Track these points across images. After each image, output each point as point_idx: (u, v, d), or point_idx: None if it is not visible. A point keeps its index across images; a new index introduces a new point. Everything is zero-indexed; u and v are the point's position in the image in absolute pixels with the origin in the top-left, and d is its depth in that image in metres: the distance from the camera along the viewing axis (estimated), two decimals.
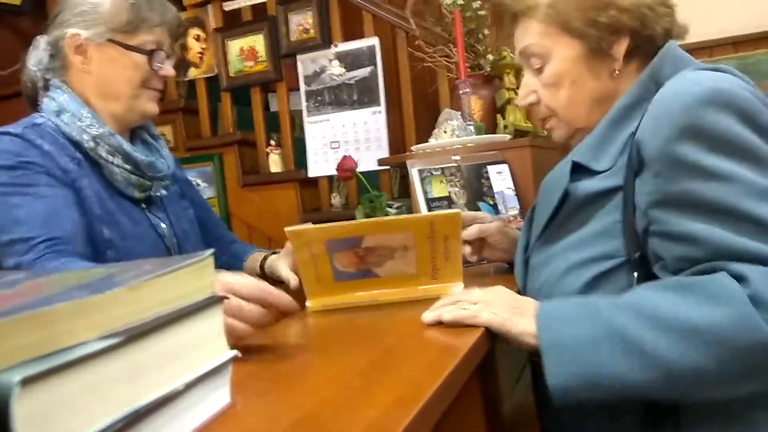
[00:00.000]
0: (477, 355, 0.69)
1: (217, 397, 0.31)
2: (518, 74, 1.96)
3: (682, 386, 0.63)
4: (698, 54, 0.89)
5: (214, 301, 0.32)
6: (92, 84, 1.04)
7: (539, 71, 0.86)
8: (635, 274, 0.71)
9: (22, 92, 1.11)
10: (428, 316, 0.73)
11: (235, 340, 0.74)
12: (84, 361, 0.24)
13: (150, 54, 1.05)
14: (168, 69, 1.09)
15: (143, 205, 1.09)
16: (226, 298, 0.56)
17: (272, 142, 2.52)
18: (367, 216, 1.73)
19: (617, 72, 0.81)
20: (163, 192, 1.11)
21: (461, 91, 1.68)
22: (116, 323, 0.26)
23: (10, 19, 2.66)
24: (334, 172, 2.40)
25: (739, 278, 0.61)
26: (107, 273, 0.31)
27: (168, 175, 1.12)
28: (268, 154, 2.51)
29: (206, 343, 0.31)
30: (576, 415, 0.76)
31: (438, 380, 0.55)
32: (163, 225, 1.11)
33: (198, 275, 0.32)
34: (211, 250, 0.34)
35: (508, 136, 1.65)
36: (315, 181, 2.47)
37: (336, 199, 2.48)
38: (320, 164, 2.42)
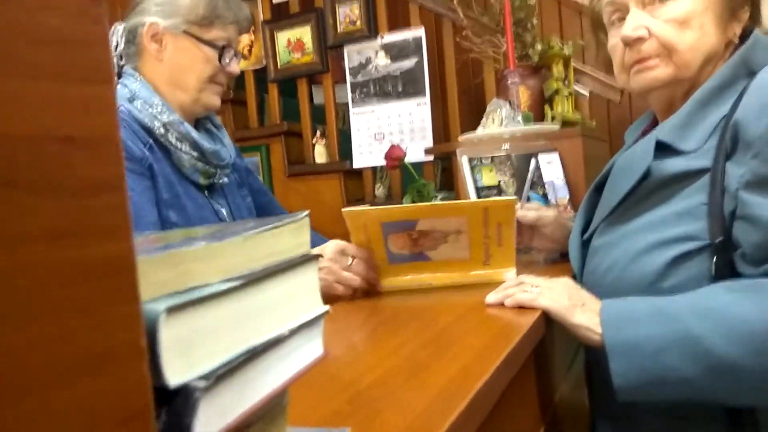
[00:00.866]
0: (535, 336, 0.70)
1: (313, 347, 0.33)
2: (567, 64, 1.94)
3: (753, 393, 0.63)
4: None
5: (311, 258, 0.34)
6: (164, 73, 1.08)
7: (661, 3, 0.79)
8: (714, 258, 0.70)
9: None
10: (492, 297, 0.75)
11: (332, 298, 0.85)
12: (212, 298, 0.26)
13: (221, 50, 1.09)
14: (234, 66, 1.12)
15: (206, 192, 1.13)
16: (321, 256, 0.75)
17: (318, 134, 2.56)
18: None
19: (737, 40, 0.80)
20: (225, 180, 1.15)
21: (510, 81, 1.67)
22: (234, 270, 0.29)
23: None
24: (378, 164, 2.43)
25: None
26: (218, 228, 0.33)
27: (230, 163, 1.15)
28: (313, 145, 2.55)
29: (304, 296, 0.33)
30: (635, 415, 0.76)
31: (501, 354, 0.56)
32: (224, 211, 1.14)
33: (297, 233, 0.34)
34: (307, 211, 0.36)
35: (557, 126, 1.64)
36: (359, 172, 2.50)
37: (380, 190, 2.51)
38: (365, 155, 2.45)
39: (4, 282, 0.16)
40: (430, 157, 2.22)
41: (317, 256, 0.35)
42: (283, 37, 2.53)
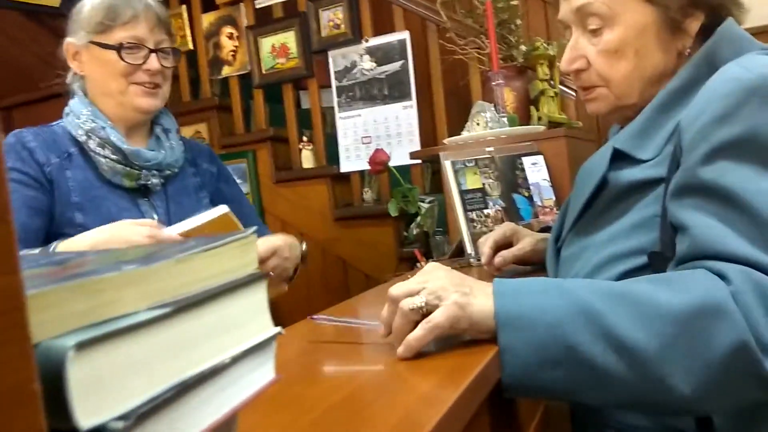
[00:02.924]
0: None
1: (263, 372, 0.31)
2: (552, 65, 1.92)
3: (639, 365, 0.55)
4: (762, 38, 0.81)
5: (258, 277, 0.32)
6: (93, 86, 1.15)
7: (595, 34, 0.76)
8: (662, 271, 0.65)
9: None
10: (401, 351, 0.58)
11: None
12: (134, 329, 0.24)
13: (118, 49, 1.10)
14: (151, 63, 1.12)
15: (137, 194, 1.15)
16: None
17: (304, 138, 2.54)
18: (401, 210, 1.73)
19: (688, 51, 0.74)
20: (154, 181, 1.15)
21: (494, 83, 1.66)
22: (164, 295, 0.27)
23: (50, 21, 2.73)
24: (366, 167, 2.41)
25: (720, 276, 0.56)
26: (152, 250, 0.31)
27: (165, 164, 1.17)
28: (300, 150, 2.53)
29: (251, 318, 0.31)
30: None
31: (472, 373, 0.54)
32: (154, 214, 1.15)
33: (242, 252, 0.32)
34: (253, 228, 0.34)
35: (543, 127, 1.63)
36: (347, 176, 2.48)
37: (368, 194, 2.49)
38: (352, 159, 2.43)
39: None
40: (417, 161, 2.20)
41: (265, 275, 0.33)
42: (267, 43, 2.52)
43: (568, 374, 0.56)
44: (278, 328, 0.33)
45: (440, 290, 0.59)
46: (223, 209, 1.03)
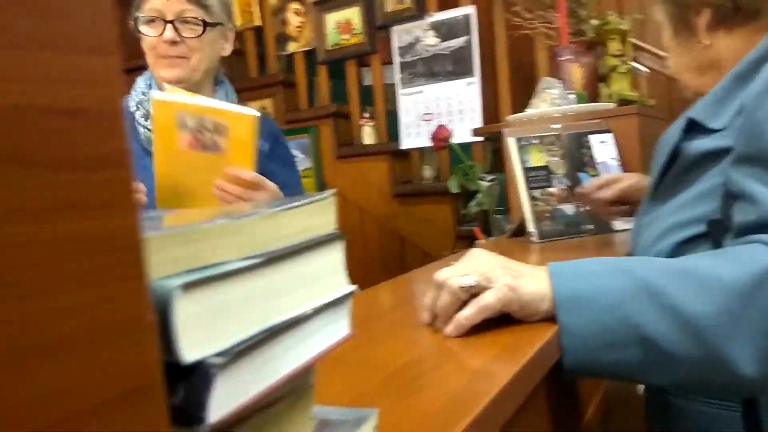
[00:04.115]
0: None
1: (339, 327, 0.33)
2: (624, 40, 1.85)
3: (705, 342, 0.53)
4: None
5: (336, 237, 0.33)
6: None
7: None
8: (712, 239, 0.66)
9: None
10: (450, 328, 0.58)
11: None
12: (229, 276, 0.26)
13: (135, 22, 1.12)
14: (165, 34, 1.10)
15: None
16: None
17: (366, 115, 2.55)
18: (461, 187, 1.73)
19: (707, 44, 0.80)
20: None
21: (562, 59, 1.61)
22: (253, 248, 0.28)
23: None
24: (426, 144, 2.41)
25: None
26: (244, 207, 0.33)
27: None
28: (361, 126, 2.55)
29: (329, 275, 0.33)
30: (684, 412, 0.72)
31: (544, 338, 0.54)
32: None
33: (322, 212, 0.33)
34: (333, 190, 0.35)
35: (613, 105, 1.57)
36: (407, 153, 2.48)
37: (427, 172, 2.49)
38: (412, 136, 2.43)
39: (5, 255, 0.16)
40: (479, 138, 2.18)
41: (343, 236, 0.34)
42: (331, 19, 2.53)
43: (632, 353, 0.55)
44: (354, 287, 0.35)
45: (490, 272, 0.58)
46: (250, 111, 0.98)
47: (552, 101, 1.52)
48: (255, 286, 0.27)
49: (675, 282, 0.55)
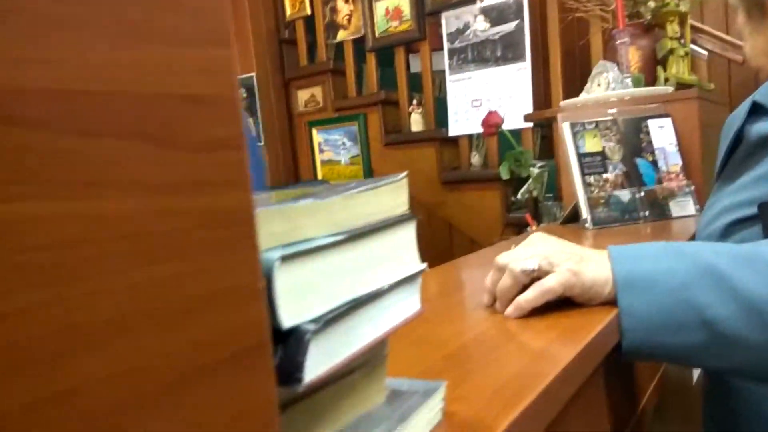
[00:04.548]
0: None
1: (411, 302, 0.35)
2: (683, 22, 1.79)
3: (765, 325, 0.53)
4: None
5: (409, 217, 0.35)
6: None
7: None
8: (762, 222, 0.65)
9: None
10: (510, 310, 0.59)
11: None
12: (319, 250, 0.28)
13: None
14: None
15: None
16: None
17: (414, 102, 2.56)
18: (512, 172, 1.72)
19: None
20: None
21: (619, 41, 1.57)
22: (338, 226, 0.30)
23: None
24: (474, 132, 2.40)
25: None
26: (321, 189, 0.35)
27: None
28: (410, 113, 2.55)
29: (403, 253, 0.35)
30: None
31: (600, 324, 0.55)
32: None
33: (395, 194, 0.35)
34: (405, 173, 0.37)
35: (671, 89, 1.53)
36: (455, 140, 2.48)
37: (475, 158, 2.48)
38: (461, 123, 2.42)
39: (144, 225, 0.18)
40: (529, 124, 2.15)
41: (415, 216, 0.36)
42: (381, 6, 2.54)
43: (695, 337, 0.55)
44: (424, 264, 0.36)
45: (552, 256, 0.59)
46: None
47: (608, 85, 1.49)
48: (340, 261, 0.29)
49: (740, 266, 0.54)
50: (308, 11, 2.76)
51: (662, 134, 1.29)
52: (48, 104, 0.16)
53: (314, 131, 2.76)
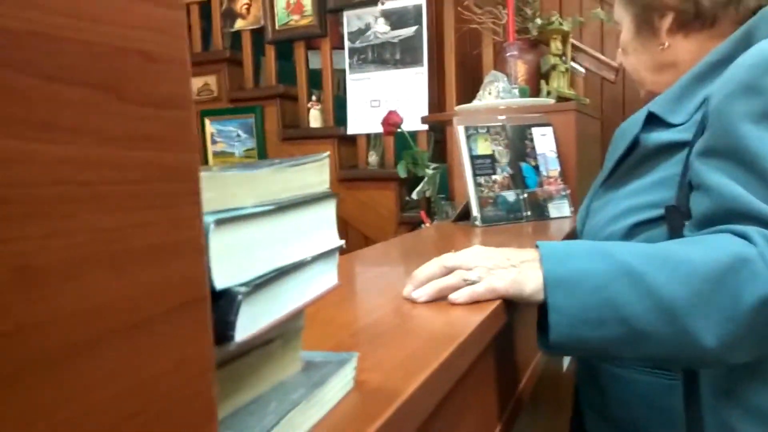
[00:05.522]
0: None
1: (330, 276, 0.37)
2: (565, 40, 1.96)
3: (676, 322, 0.59)
4: None
5: (331, 195, 0.37)
6: None
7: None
8: (675, 225, 0.71)
9: None
10: (420, 292, 0.63)
11: None
12: (249, 218, 0.29)
13: None
14: None
15: None
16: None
17: (313, 98, 2.56)
18: (409, 171, 1.78)
19: (665, 45, 0.86)
20: None
21: (508, 54, 1.69)
22: (265, 197, 0.32)
23: None
24: (373, 131, 2.45)
25: (744, 238, 0.60)
26: (251, 162, 0.36)
27: None
28: (308, 109, 2.55)
29: (323, 228, 0.37)
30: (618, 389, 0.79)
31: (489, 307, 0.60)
32: None
33: (319, 171, 0.37)
34: (327, 153, 0.39)
35: (552, 101, 1.67)
36: (353, 138, 2.51)
37: (372, 158, 2.53)
38: (360, 122, 2.46)
39: (94, 172, 0.19)
40: (425, 127, 2.24)
41: (336, 194, 0.38)
42: None
43: (613, 331, 0.60)
44: (342, 241, 0.38)
45: (495, 269, 0.64)
46: None
47: (497, 94, 1.59)
48: (269, 230, 0.31)
49: (655, 266, 0.60)
50: None
51: (544, 142, 1.41)
52: (7, 42, 0.17)
53: (207, 121, 2.67)
